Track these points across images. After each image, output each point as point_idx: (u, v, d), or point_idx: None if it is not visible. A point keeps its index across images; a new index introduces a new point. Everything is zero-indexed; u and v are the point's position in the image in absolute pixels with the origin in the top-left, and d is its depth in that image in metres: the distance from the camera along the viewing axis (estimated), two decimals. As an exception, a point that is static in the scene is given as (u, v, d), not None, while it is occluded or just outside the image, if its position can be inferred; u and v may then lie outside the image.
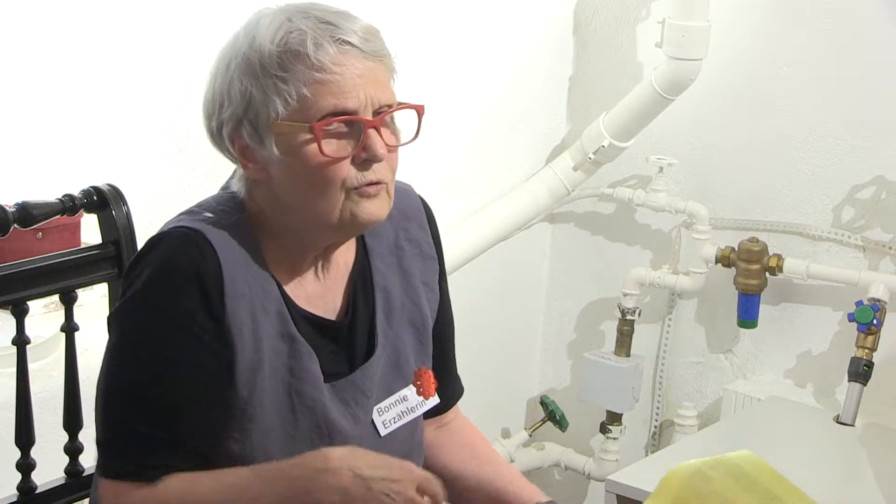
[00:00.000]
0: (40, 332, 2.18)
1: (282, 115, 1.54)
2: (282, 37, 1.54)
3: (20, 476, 1.89)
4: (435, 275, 1.80)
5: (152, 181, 2.48)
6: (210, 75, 1.61)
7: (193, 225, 1.60)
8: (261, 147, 1.57)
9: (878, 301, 2.82)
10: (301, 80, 1.53)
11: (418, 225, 1.79)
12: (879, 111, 2.90)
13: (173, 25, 2.44)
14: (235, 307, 1.57)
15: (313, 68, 1.53)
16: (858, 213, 2.96)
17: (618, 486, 2.50)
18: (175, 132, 2.49)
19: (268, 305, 1.60)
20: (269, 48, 1.54)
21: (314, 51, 1.53)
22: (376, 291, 1.72)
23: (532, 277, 3.42)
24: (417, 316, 1.76)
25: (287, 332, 1.61)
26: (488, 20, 3.03)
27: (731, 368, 3.19)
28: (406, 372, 1.74)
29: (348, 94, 1.54)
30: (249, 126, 1.56)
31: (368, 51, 1.56)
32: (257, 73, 1.54)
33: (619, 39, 3.20)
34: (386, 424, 1.71)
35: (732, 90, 3.07)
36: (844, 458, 2.73)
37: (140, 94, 2.43)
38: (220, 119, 1.59)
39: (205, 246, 1.57)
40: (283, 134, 1.55)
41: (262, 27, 1.56)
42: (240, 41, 1.57)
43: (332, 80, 1.54)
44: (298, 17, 1.56)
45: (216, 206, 1.64)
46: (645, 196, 3.14)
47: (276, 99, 1.54)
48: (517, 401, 3.47)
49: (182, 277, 1.56)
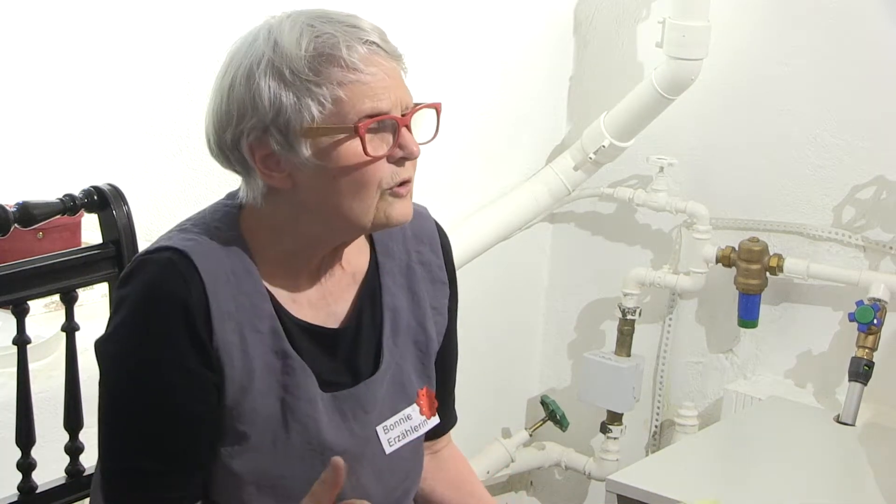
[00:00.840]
0: (41, 331, 2.19)
1: (317, 119, 1.53)
2: (309, 41, 1.53)
3: (21, 476, 1.89)
4: (445, 299, 1.80)
5: (153, 181, 2.48)
6: (220, 88, 1.58)
7: (180, 245, 1.58)
8: (291, 154, 1.55)
9: (879, 301, 2.82)
10: (335, 83, 1.53)
11: (430, 248, 1.79)
12: (880, 111, 2.90)
13: (174, 25, 2.44)
14: (222, 329, 1.57)
15: (347, 70, 1.53)
16: (859, 212, 2.96)
17: (618, 486, 2.50)
18: (175, 132, 2.49)
19: (259, 323, 1.60)
20: (297, 53, 1.53)
21: (347, 53, 1.53)
22: (385, 310, 1.72)
23: (532, 277, 3.42)
24: (422, 338, 1.76)
25: (280, 349, 1.61)
26: (488, 20, 3.03)
27: (732, 368, 3.19)
28: (409, 391, 1.74)
29: (381, 94, 1.55)
30: (278, 133, 1.54)
31: (390, 51, 1.57)
32: (287, 79, 1.53)
33: (620, 39, 3.20)
34: (391, 442, 1.71)
35: (733, 90, 3.07)
36: (845, 458, 2.73)
37: (140, 93, 2.43)
38: (238, 130, 1.56)
39: (188, 270, 1.56)
40: (320, 138, 1.54)
41: (285, 33, 1.54)
42: (258, 49, 1.55)
43: (366, 82, 1.54)
44: (318, 22, 1.55)
45: (210, 221, 1.63)
46: (645, 196, 3.14)
47: (310, 103, 1.53)
48: (517, 400, 3.47)
49: (165, 305, 1.56)
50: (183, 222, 1.65)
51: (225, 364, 1.57)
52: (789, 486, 2.52)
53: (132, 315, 1.57)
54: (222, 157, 1.62)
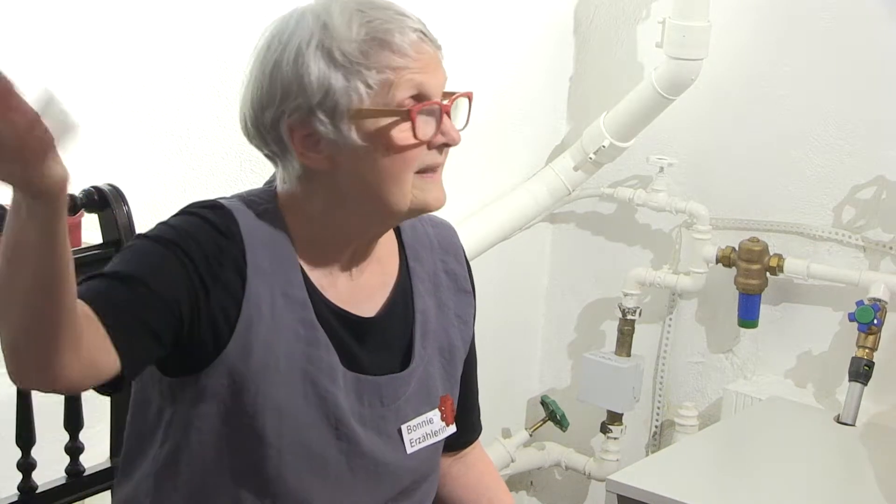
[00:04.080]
0: (41, 331, 2.18)
1: (366, 102, 1.55)
2: (360, 24, 1.54)
3: (21, 476, 1.89)
4: (470, 309, 1.81)
5: (153, 181, 2.48)
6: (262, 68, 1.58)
7: (222, 202, 1.60)
8: (336, 135, 1.55)
9: (879, 301, 2.82)
10: (386, 66, 1.54)
11: (455, 259, 1.81)
12: (880, 111, 2.90)
13: (174, 25, 2.44)
14: (256, 282, 1.57)
15: (397, 54, 1.54)
16: (859, 213, 2.96)
17: (618, 486, 2.50)
18: (175, 132, 2.49)
19: (290, 290, 1.60)
20: (348, 35, 1.54)
21: (399, 38, 1.55)
22: (416, 312, 1.73)
23: (532, 277, 3.42)
24: (446, 345, 1.77)
25: (308, 320, 1.61)
26: (488, 20, 3.03)
27: (732, 368, 3.19)
28: (433, 396, 1.75)
29: (428, 80, 1.57)
30: (323, 114, 1.55)
31: (433, 40, 1.60)
32: (337, 61, 1.54)
33: (620, 39, 3.20)
34: (413, 443, 1.71)
35: (733, 90, 3.07)
36: (845, 459, 2.73)
37: (140, 93, 2.43)
38: (279, 110, 1.56)
39: (231, 222, 1.58)
40: (368, 120, 1.55)
41: (335, 16, 1.55)
42: (305, 29, 1.55)
43: (414, 67, 1.56)
44: (367, 7, 1.56)
45: (247, 195, 1.64)
46: (645, 196, 3.14)
47: (359, 85, 1.54)
48: (517, 401, 3.47)
49: (210, 226, 1.57)
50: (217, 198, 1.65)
51: (254, 315, 1.57)
52: (789, 487, 2.52)
53: (177, 219, 1.58)
54: (258, 138, 1.61)
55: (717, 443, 2.82)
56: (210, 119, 2.50)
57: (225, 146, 2.52)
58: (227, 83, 2.46)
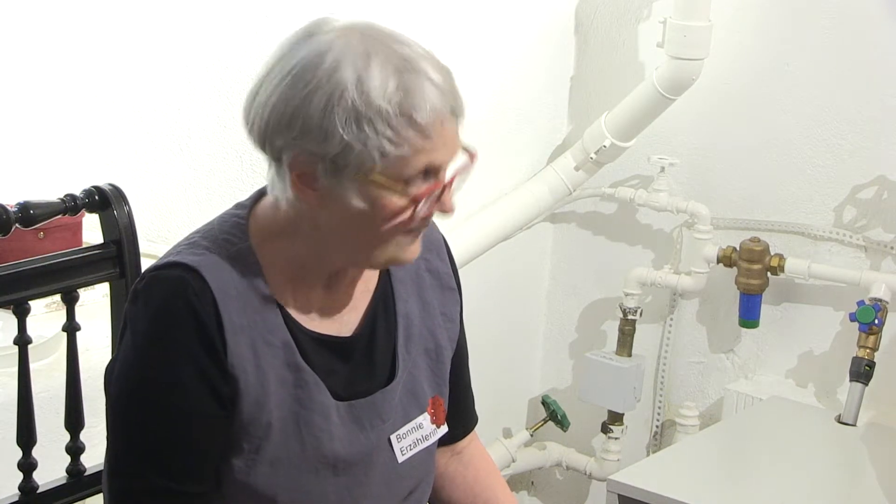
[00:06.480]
0: (42, 331, 2.19)
1: (377, 167, 1.52)
2: (393, 92, 1.50)
3: (22, 476, 1.89)
4: (456, 306, 1.80)
5: (154, 181, 2.48)
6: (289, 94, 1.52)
7: (189, 260, 1.57)
8: (335, 185, 1.53)
9: (880, 301, 2.82)
10: (407, 143, 1.51)
11: (438, 256, 1.79)
12: (880, 111, 2.89)
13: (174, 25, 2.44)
14: (236, 343, 1.57)
15: (421, 135, 1.51)
16: (860, 213, 2.96)
17: (619, 486, 2.50)
18: (176, 132, 2.49)
19: (271, 337, 1.59)
20: (381, 105, 1.50)
21: (427, 117, 1.51)
22: (398, 318, 1.72)
23: (533, 277, 3.42)
24: (432, 346, 1.76)
25: (293, 362, 1.60)
26: (489, 20, 3.03)
27: (733, 368, 3.19)
28: (421, 400, 1.74)
29: (441, 157, 1.54)
30: (332, 166, 1.52)
31: (457, 110, 1.56)
32: (364, 128, 1.50)
33: (621, 39, 3.20)
34: (403, 451, 1.71)
35: (734, 90, 3.07)
36: (846, 458, 2.73)
37: (141, 93, 2.43)
38: (294, 143, 1.52)
39: (199, 285, 1.56)
40: (372, 185, 1.53)
41: (373, 75, 1.50)
42: (341, 81, 1.50)
43: (430, 148, 1.53)
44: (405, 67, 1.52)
45: (219, 234, 1.61)
46: (646, 196, 3.14)
47: (374, 154, 1.51)
48: (518, 401, 3.47)
49: (178, 324, 1.55)
50: (191, 234, 1.63)
51: (240, 378, 1.57)
52: (790, 487, 2.52)
53: (145, 336, 1.56)
54: (259, 146, 1.58)
55: (718, 443, 2.82)
56: (210, 119, 2.50)
57: (225, 146, 2.52)
58: (227, 84, 2.46)
